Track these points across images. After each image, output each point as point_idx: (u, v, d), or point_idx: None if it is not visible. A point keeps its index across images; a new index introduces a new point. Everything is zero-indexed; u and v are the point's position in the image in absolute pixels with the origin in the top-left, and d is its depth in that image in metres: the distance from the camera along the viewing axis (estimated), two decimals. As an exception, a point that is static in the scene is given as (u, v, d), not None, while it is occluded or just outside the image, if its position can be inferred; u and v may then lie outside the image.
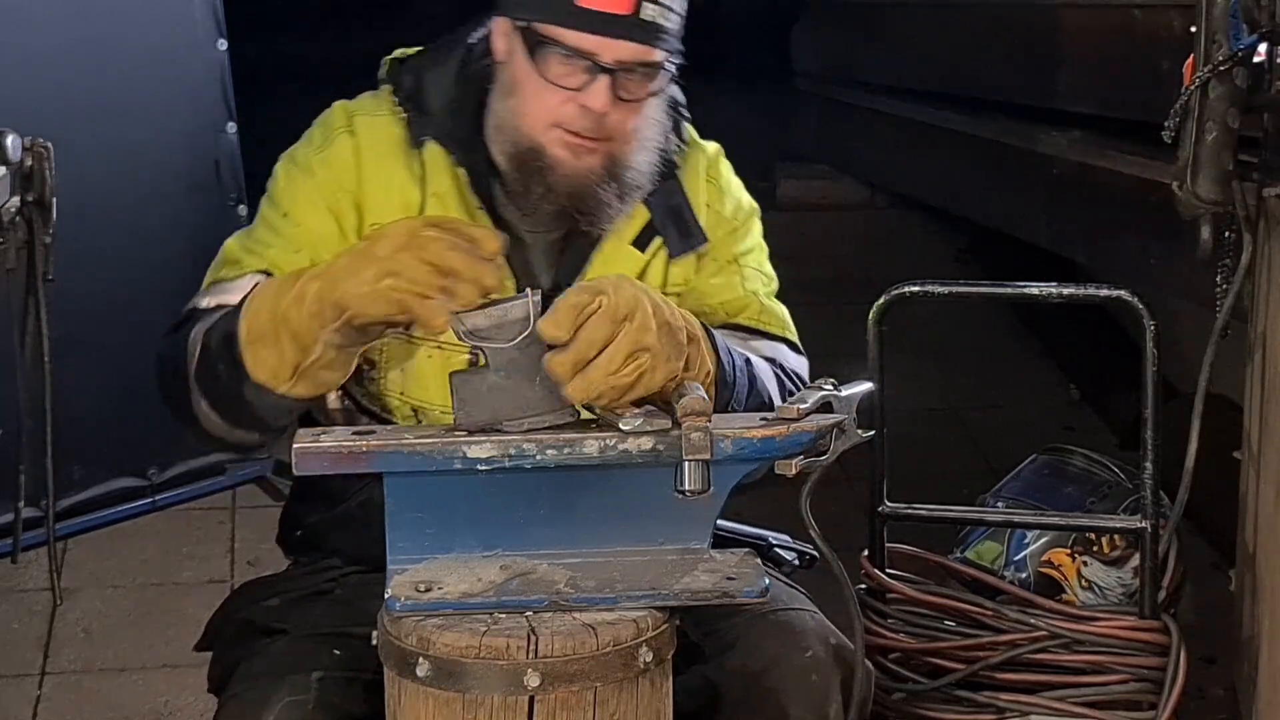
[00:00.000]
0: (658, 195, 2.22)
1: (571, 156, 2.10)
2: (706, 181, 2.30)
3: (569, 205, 2.12)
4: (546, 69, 2.08)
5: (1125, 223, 3.72)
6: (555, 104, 2.08)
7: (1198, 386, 2.44)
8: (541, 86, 2.08)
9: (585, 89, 2.07)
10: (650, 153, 2.18)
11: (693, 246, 2.24)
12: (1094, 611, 2.54)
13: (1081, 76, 4.04)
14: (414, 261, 1.80)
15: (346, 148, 2.18)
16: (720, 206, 2.30)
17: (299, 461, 1.82)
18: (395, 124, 2.20)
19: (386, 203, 2.17)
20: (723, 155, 2.36)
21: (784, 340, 2.27)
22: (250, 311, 1.93)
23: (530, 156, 2.11)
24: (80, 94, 3.88)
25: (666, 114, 2.23)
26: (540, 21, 2.07)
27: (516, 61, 2.11)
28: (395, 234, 1.83)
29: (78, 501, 4.03)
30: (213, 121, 4.12)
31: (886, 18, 5.85)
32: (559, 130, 2.09)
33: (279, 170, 2.23)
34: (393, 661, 1.80)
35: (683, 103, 2.31)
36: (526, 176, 2.12)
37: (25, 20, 3.83)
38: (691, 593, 1.82)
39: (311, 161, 2.19)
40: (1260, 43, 2.27)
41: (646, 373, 1.83)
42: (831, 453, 1.86)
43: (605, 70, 2.06)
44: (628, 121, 2.11)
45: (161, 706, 3.50)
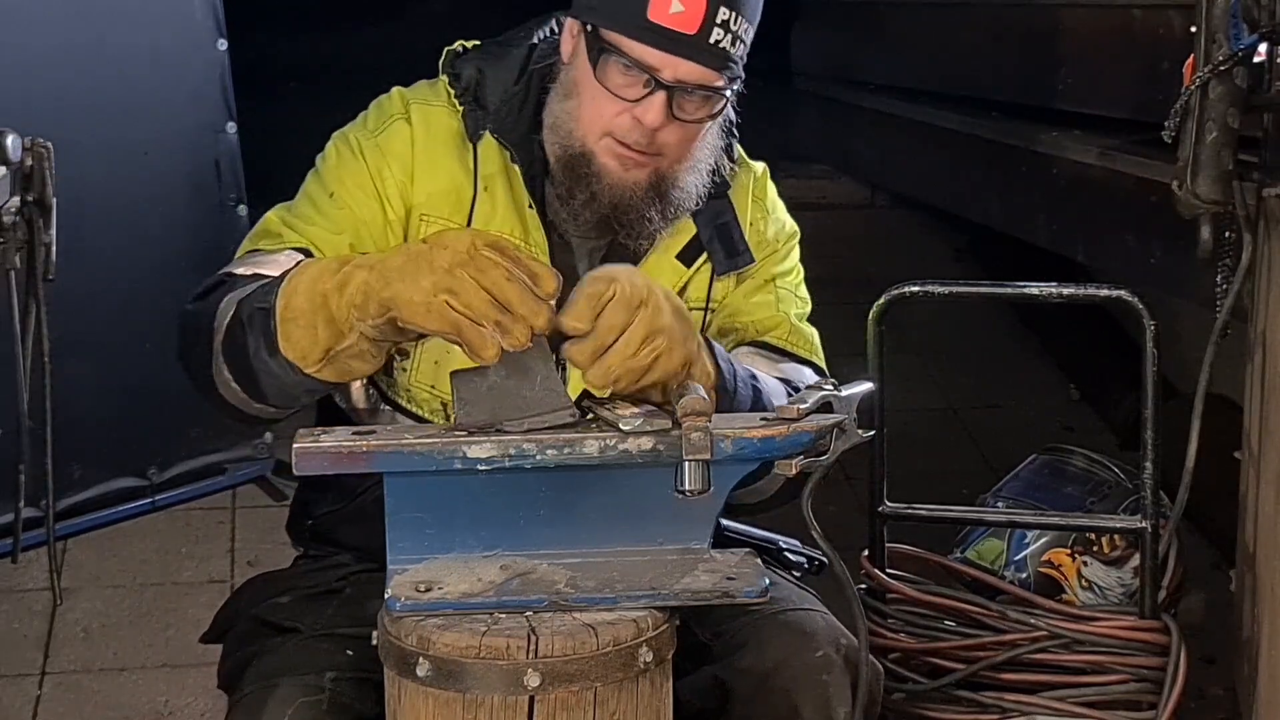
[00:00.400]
0: (706, 212, 2.22)
1: (619, 168, 2.10)
2: (753, 201, 2.30)
3: (611, 215, 2.12)
4: (607, 77, 2.08)
5: (1125, 223, 3.72)
6: (611, 113, 2.08)
7: (1198, 386, 2.44)
8: (600, 94, 2.08)
9: (642, 102, 2.06)
10: (700, 175, 2.17)
11: (739, 265, 2.25)
12: (1094, 611, 2.54)
13: (1081, 76, 4.04)
14: (473, 285, 1.76)
15: (402, 135, 2.18)
16: (764, 227, 2.30)
17: (299, 461, 1.82)
18: (452, 115, 2.20)
19: (438, 193, 2.17)
20: (769, 175, 2.37)
21: (810, 364, 2.27)
22: (289, 289, 1.88)
23: (580, 162, 2.11)
24: (80, 94, 3.88)
25: (721, 137, 2.23)
26: (608, 29, 2.07)
27: (579, 65, 2.12)
28: (456, 246, 1.78)
29: (78, 501, 4.02)
30: (213, 121, 4.12)
31: (886, 17, 5.85)
32: (610, 139, 2.09)
33: (331, 148, 2.22)
34: (393, 661, 1.80)
35: (733, 120, 2.29)
36: (573, 181, 2.12)
37: (25, 20, 3.82)
38: (691, 593, 1.82)
39: (364, 145, 2.18)
40: (1260, 43, 2.28)
41: (663, 355, 1.85)
42: (831, 453, 1.86)
43: (664, 86, 2.05)
44: (681, 141, 2.11)
45: (161, 706, 3.50)
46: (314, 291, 1.85)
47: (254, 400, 2.01)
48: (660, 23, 2.04)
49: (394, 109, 2.21)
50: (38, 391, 3.04)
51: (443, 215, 2.17)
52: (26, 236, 2.86)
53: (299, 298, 1.86)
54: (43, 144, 2.84)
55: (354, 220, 2.15)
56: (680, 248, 2.22)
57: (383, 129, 2.19)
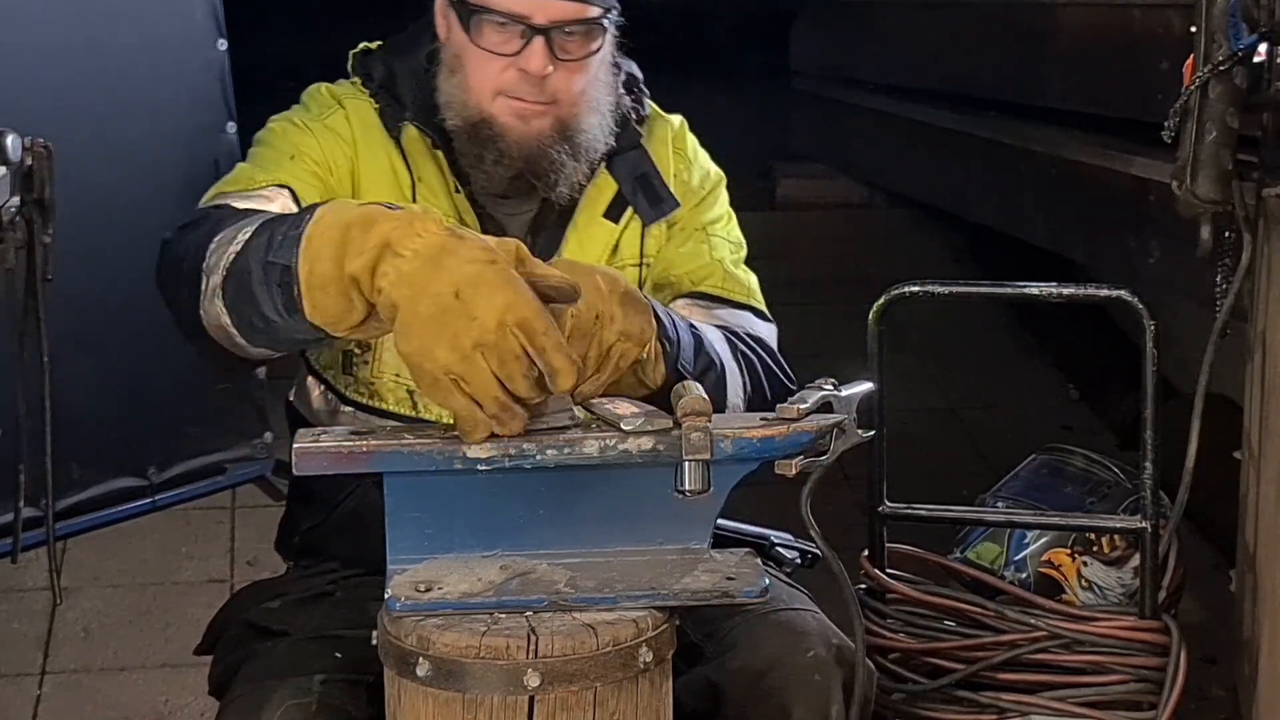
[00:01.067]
0: (624, 165, 2.25)
1: (520, 122, 2.13)
2: (674, 152, 2.32)
3: (524, 169, 2.15)
4: (482, 37, 2.11)
5: (1125, 223, 3.72)
6: (496, 72, 2.12)
7: (1198, 386, 2.44)
8: (481, 57, 2.12)
9: (523, 53, 2.10)
10: (600, 114, 2.20)
11: (665, 212, 2.27)
12: (1094, 611, 2.54)
13: (1080, 76, 4.04)
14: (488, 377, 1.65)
15: (343, 120, 2.22)
16: (688, 177, 2.32)
17: (299, 462, 1.82)
18: (373, 111, 2.23)
19: (380, 180, 2.20)
20: (687, 127, 2.38)
21: (748, 307, 2.28)
22: (310, 254, 1.71)
23: (481, 127, 2.14)
24: (80, 94, 3.88)
25: (616, 79, 2.25)
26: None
27: (455, 37, 2.16)
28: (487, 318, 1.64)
29: (78, 501, 4.02)
30: (213, 121, 4.12)
31: (885, 17, 5.85)
32: (504, 98, 2.13)
33: (274, 125, 2.22)
34: (392, 661, 1.80)
35: (640, 78, 2.33)
36: (479, 146, 2.15)
37: (25, 20, 3.82)
38: (691, 593, 1.82)
39: (311, 125, 2.21)
40: (1260, 43, 2.28)
41: (622, 357, 1.89)
42: (831, 453, 1.86)
43: (539, 31, 2.08)
44: (572, 83, 2.14)
45: (161, 706, 3.50)
46: (342, 266, 1.69)
47: (249, 343, 1.89)
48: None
49: (327, 99, 2.24)
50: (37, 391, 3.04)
51: (384, 198, 2.14)
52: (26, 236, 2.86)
53: (325, 265, 1.70)
54: (43, 144, 2.84)
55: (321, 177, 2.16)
56: (606, 205, 2.24)
57: (325, 115, 2.22)
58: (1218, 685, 3.18)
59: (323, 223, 1.72)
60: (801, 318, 2.34)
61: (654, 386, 2.00)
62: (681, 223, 2.30)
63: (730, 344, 2.17)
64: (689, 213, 2.30)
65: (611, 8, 2.17)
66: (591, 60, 2.15)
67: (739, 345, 2.18)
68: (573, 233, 2.22)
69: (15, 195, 2.79)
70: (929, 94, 5.29)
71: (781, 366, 2.23)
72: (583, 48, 2.13)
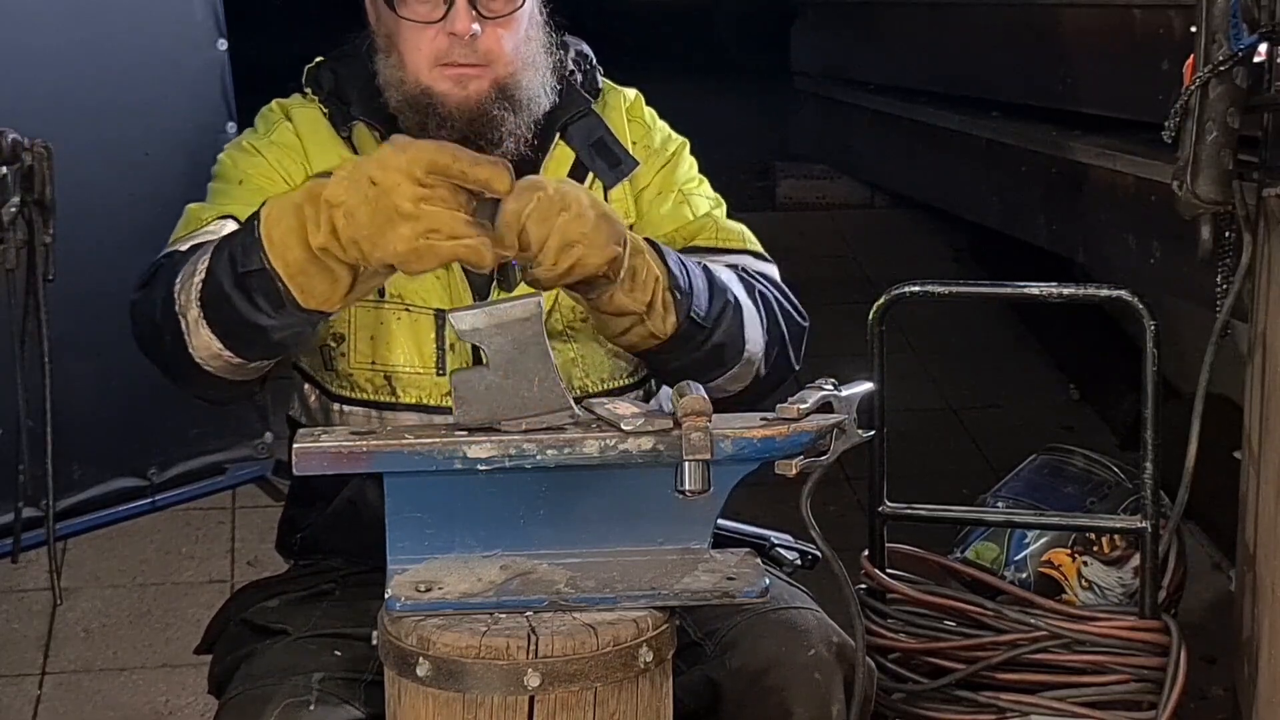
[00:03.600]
0: (579, 131, 2.27)
1: (458, 87, 2.16)
2: (630, 121, 2.34)
3: (468, 131, 2.16)
4: (407, 9, 2.15)
5: (1125, 223, 3.72)
6: (428, 41, 2.15)
7: (1198, 386, 2.44)
8: (410, 30, 2.15)
9: (448, 16, 2.13)
10: (538, 70, 2.22)
11: (625, 173, 2.28)
12: (1094, 611, 2.54)
13: (1081, 76, 4.04)
14: (445, 213, 1.81)
15: (289, 131, 2.26)
16: (649, 141, 2.34)
17: (299, 462, 1.82)
18: (322, 115, 2.27)
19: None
20: (642, 98, 2.39)
21: (746, 252, 2.29)
22: (277, 248, 1.86)
23: (421, 98, 2.17)
24: (80, 94, 3.88)
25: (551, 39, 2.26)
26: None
27: (383, 16, 2.20)
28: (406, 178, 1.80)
29: (78, 501, 4.02)
30: (213, 121, 4.12)
31: (885, 17, 5.85)
32: (439, 67, 2.15)
33: (223, 156, 2.28)
34: (393, 661, 1.80)
35: (592, 56, 2.36)
36: (421, 115, 2.17)
37: (25, 20, 3.82)
38: (691, 593, 1.82)
39: (259, 145, 2.26)
40: (1260, 43, 2.27)
41: (580, 260, 1.91)
42: (831, 453, 1.86)
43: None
44: (502, 41, 2.16)
45: (161, 706, 3.50)
46: (308, 245, 1.85)
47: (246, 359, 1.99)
48: None
49: (275, 115, 2.30)
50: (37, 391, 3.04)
51: None
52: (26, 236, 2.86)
53: (294, 252, 1.86)
54: (43, 144, 2.85)
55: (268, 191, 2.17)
56: (565, 174, 2.24)
57: (271, 130, 2.28)
58: (1218, 685, 3.18)
59: (273, 217, 1.88)
60: (801, 318, 2.33)
61: (663, 337, 2.04)
62: (656, 185, 2.30)
63: (745, 283, 2.18)
64: (660, 175, 2.31)
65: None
66: (519, 16, 2.18)
67: (754, 284, 2.20)
68: None
69: (15, 195, 2.79)
70: (929, 94, 5.29)
71: (793, 302, 2.24)
72: (506, 4, 2.15)
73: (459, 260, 1.83)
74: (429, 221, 1.80)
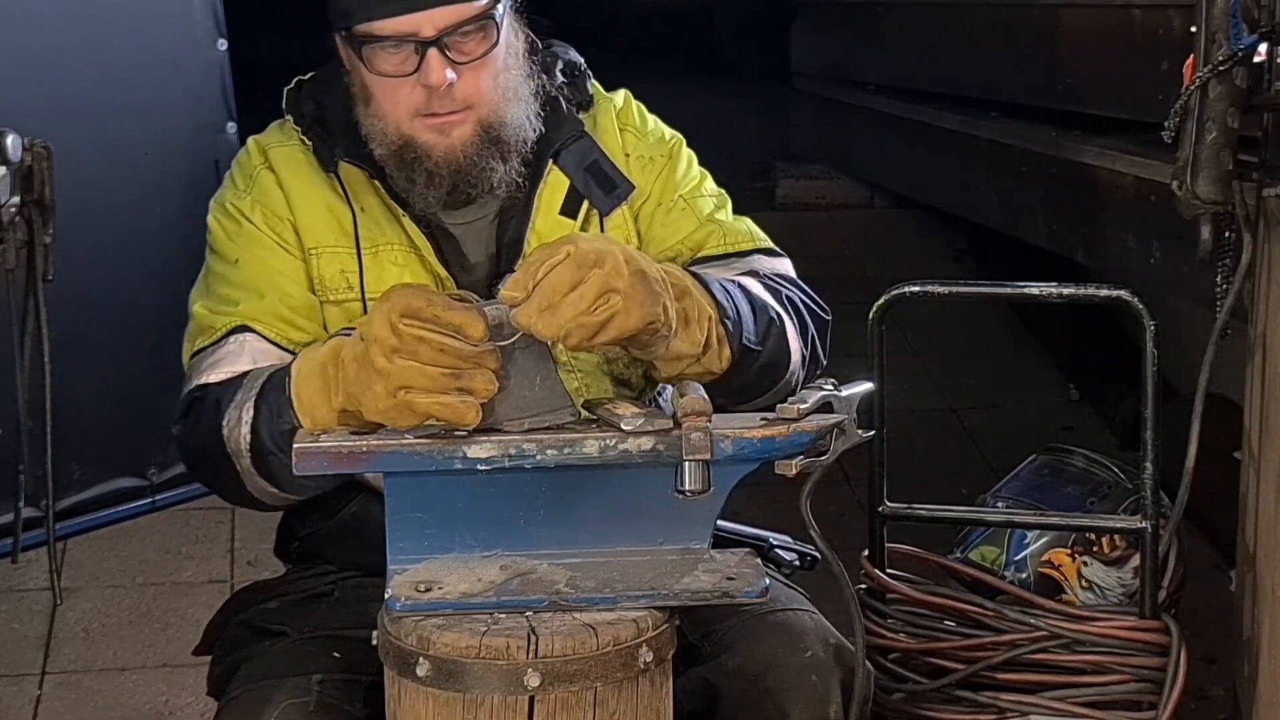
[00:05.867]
0: (572, 157, 2.21)
1: (441, 137, 2.10)
2: (622, 130, 2.29)
3: (457, 182, 2.12)
4: (377, 65, 2.08)
5: (1125, 223, 3.72)
6: (405, 94, 2.09)
7: (1198, 386, 2.44)
8: (384, 84, 2.09)
9: (421, 69, 2.06)
10: (522, 102, 2.15)
11: (621, 198, 2.22)
12: (1094, 611, 2.54)
13: (1082, 76, 4.04)
14: (417, 369, 1.79)
15: (270, 181, 2.21)
16: (646, 150, 2.28)
17: (299, 462, 1.82)
18: (305, 151, 2.21)
19: (320, 226, 2.18)
20: (631, 99, 2.34)
21: (757, 251, 2.26)
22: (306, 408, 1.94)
23: (405, 150, 2.12)
24: (80, 94, 3.88)
25: (532, 61, 2.19)
26: (354, 24, 2.08)
27: (357, 69, 2.13)
28: (381, 334, 1.80)
29: (78, 501, 4.03)
30: (213, 121, 4.12)
31: (885, 17, 5.85)
32: (420, 118, 2.10)
33: (213, 222, 2.23)
34: (392, 661, 1.80)
35: (580, 63, 2.29)
36: (408, 169, 2.12)
37: (25, 20, 3.83)
38: (691, 593, 1.82)
39: (242, 206, 2.20)
40: (1260, 43, 2.27)
41: (619, 314, 1.82)
42: (831, 453, 1.86)
43: (430, 43, 2.05)
44: (480, 82, 2.10)
45: (161, 706, 3.50)
46: (331, 408, 1.91)
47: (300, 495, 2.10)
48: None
49: (254, 161, 2.23)
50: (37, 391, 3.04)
51: (329, 243, 2.18)
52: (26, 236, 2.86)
53: (320, 411, 1.92)
54: (43, 144, 2.85)
55: (269, 273, 2.16)
56: (560, 203, 2.20)
57: (252, 184, 2.21)
58: (1218, 685, 3.18)
59: (301, 376, 1.95)
60: (801, 317, 2.33)
61: (719, 372, 2.01)
62: (655, 196, 2.26)
63: (771, 291, 2.16)
64: (659, 182, 2.26)
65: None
66: (494, 54, 2.10)
67: (780, 289, 2.18)
68: (532, 234, 2.18)
69: (15, 195, 2.79)
70: (929, 94, 5.29)
71: (814, 298, 2.23)
72: (480, 45, 2.08)
73: (439, 419, 1.80)
74: (399, 378, 1.79)
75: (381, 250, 2.18)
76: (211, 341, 2.13)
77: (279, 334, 2.13)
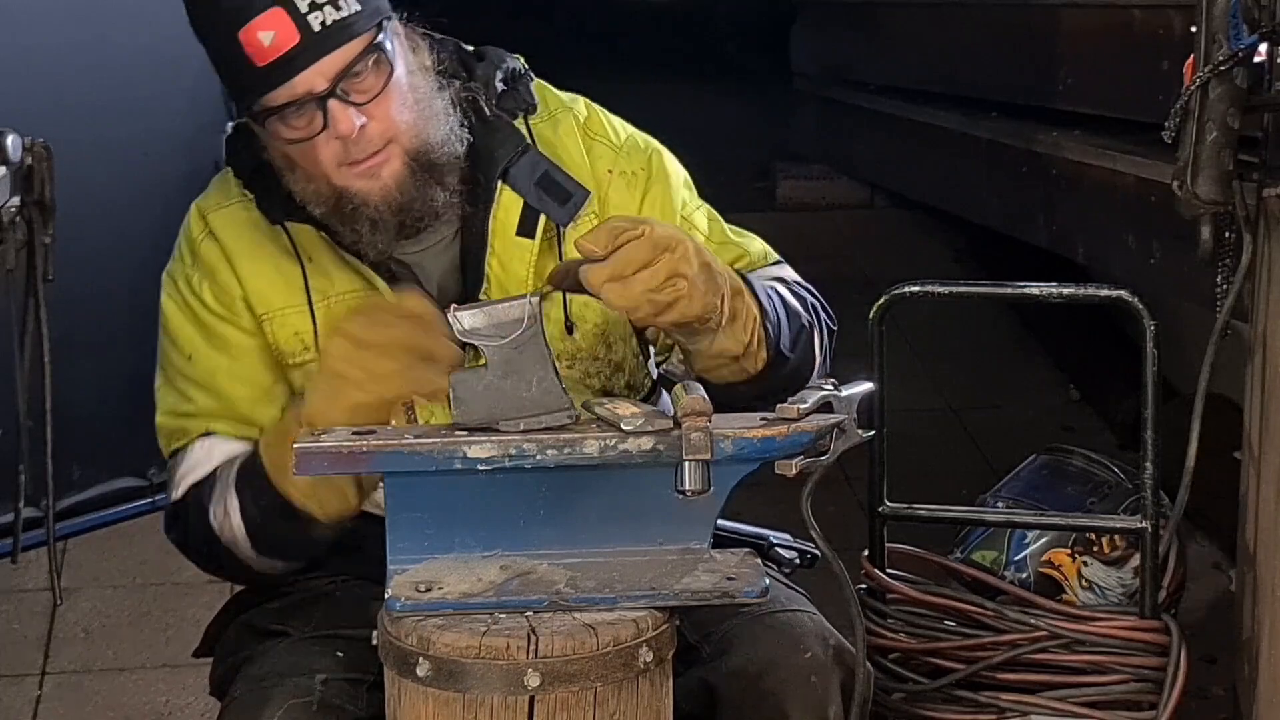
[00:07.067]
0: (521, 173, 2.15)
1: (370, 180, 2.05)
2: (593, 142, 2.22)
3: (403, 220, 2.08)
4: (287, 133, 2.04)
5: (1125, 223, 3.72)
6: (321, 153, 2.03)
7: (1198, 386, 2.44)
8: (299, 149, 2.04)
9: (329, 123, 2.01)
10: (441, 118, 2.10)
11: (578, 205, 2.16)
12: (1094, 611, 2.54)
13: (1081, 76, 4.04)
14: (373, 356, 1.87)
15: (214, 253, 2.18)
16: (626, 165, 2.23)
17: (299, 462, 1.82)
18: (247, 208, 2.18)
19: (268, 289, 2.16)
20: (594, 107, 2.28)
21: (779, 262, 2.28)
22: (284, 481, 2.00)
23: (340, 204, 2.07)
24: (80, 94, 3.88)
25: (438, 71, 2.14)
26: (251, 103, 2.05)
27: (271, 142, 2.09)
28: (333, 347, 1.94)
29: (78, 501, 4.03)
30: (213, 121, 4.11)
31: (885, 18, 5.85)
32: (344, 168, 2.04)
33: (165, 301, 2.23)
34: (393, 661, 1.80)
35: (520, 68, 2.23)
36: (352, 222, 2.08)
37: (25, 20, 3.83)
38: (691, 593, 1.82)
39: (192, 283, 2.19)
40: (1260, 43, 2.27)
41: (684, 299, 1.89)
42: (831, 453, 1.86)
43: (328, 97, 2.00)
44: (391, 112, 2.04)
45: (161, 706, 3.51)
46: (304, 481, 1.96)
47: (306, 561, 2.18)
48: (272, 59, 1.98)
49: (197, 231, 2.21)
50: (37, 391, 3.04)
51: (279, 306, 2.16)
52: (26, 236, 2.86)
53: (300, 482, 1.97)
54: (43, 144, 2.84)
55: (224, 375, 2.17)
56: (516, 223, 2.15)
57: (196, 256, 2.19)
58: (1218, 685, 3.18)
59: (270, 451, 2.03)
60: (802, 318, 2.33)
61: (754, 371, 2.04)
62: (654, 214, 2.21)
63: (799, 299, 2.18)
64: (648, 203, 2.22)
65: (379, 23, 2.04)
66: (394, 82, 2.04)
67: (805, 299, 2.21)
68: (492, 259, 2.14)
69: (15, 195, 2.79)
70: (929, 94, 5.29)
71: (828, 308, 2.25)
72: (378, 79, 2.03)
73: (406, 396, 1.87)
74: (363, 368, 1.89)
75: (334, 302, 2.14)
76: (181, 445, 2.20)
77: (241, 433, 2.16)
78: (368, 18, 2.02)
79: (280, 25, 1.98)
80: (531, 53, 2.26)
